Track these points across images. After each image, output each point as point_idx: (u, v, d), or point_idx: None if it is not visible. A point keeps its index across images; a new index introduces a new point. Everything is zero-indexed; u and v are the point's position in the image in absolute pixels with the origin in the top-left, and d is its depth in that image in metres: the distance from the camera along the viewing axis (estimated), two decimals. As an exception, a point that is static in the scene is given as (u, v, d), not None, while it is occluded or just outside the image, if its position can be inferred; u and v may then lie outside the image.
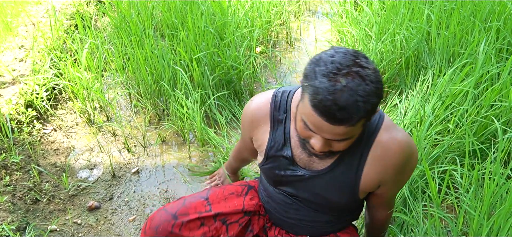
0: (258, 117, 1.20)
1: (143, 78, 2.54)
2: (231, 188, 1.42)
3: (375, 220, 1.40)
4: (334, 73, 0.87)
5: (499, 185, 1.51)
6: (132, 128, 2.50)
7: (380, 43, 2.58)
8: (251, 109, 1.23)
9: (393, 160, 1.09)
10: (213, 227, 1.30)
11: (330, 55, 0.90)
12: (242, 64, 2.65)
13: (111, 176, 2.20)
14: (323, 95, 0.86)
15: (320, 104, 0.88)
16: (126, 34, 2.78)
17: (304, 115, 0.95)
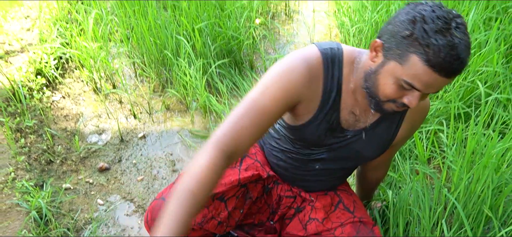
0: (314, 76, 1.08)
1: (147, 47, 2.64)
2: None
3: (373, 179, 1.51)
4: (446, 28, 0.89)
5: (479, 143, 1.64)
6: (137, 96, 2.62)
7: (375, 13, 2.68)
8: (309, 65, 1.07)
9: (420, 119, 1.21)
10: (212, 207, 1.28)
11: (431, 11, 0.91)
12: (242, 35, 2.75)
13: (119, 140, 2.33)
14: (445, 52, 0.88)
15: (442, 61, 0.89)
16: (130, 4, 2.87)
17: (407, 76, 0.95)
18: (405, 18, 0.93)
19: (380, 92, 1.02)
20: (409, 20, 0.92)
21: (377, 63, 1.01)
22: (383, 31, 1.00)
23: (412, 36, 0.91)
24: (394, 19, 0.97)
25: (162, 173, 2.14)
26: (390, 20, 0.99)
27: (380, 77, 1.00)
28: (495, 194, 1.53)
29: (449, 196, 1.47)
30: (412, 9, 0.93)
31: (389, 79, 0.98)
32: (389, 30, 0.97)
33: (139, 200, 1.99)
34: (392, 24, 0.97)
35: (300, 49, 1.10)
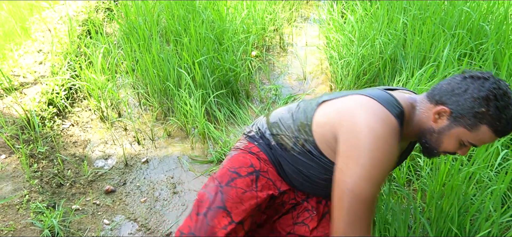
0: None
1: (150, 79, 2.86)
2: (241, 183, 1.39)
3: None
4: (510, 103, 1.16)
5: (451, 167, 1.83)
6: (141, 123, 2.82)
7: (361, 48, 2.91)
8: (396, 138, 1.21)
9: None
10: (240, 230, 1.35)
11: (497, 88, 1.16)
12: (239, 67, 2.98)
13: (124, 164, 2.52)
14: (510, 123, 1.17)
15: (507, 130, 1.18)
16: (135, 39, 3.10)
17: (474, 140, 1.21)
18: (478, 96, 1.15)
19: (442, 148, 1.26)
20: (483, 98, 1.15)
21: (442, 125, 1.23)
22: (447, 99, 1.21)
23: (487, 112, 1.15)
24: (465, 93, 1.18)
25: (163, 195, 2.32)
26: (454, 88, 1.20)
27: (445, 138, 1.24)
28: (462, 213, 1.71)
29: (419, 216, 1.65)
30: (482, 87, 1.16)
31: (454, 139, 1.23)
32: (458, 102, 1.18)
33: (142, 220, 2.17)
34: (461, 96, 1.18)
35: (381, 118, 1.18)
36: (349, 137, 1.19)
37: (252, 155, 1.45)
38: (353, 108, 1.23)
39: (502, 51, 2.38)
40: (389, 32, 2.92)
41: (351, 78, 2.91)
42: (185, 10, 3.31)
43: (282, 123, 1.44)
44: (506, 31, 2.44)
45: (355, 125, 1.19)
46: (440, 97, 1.22)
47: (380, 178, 1.16)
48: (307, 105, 1.42)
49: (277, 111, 1.52)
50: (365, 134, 1.16)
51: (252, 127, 1.56)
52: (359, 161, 1.15)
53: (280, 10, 4.04)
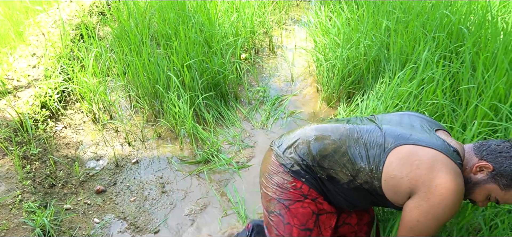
0: None
1: (141, 82, 2.93)
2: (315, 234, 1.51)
3: None
4: None
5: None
6: (132, 125, 2.90)
7: (346, 50, 2.99)
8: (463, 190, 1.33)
9: None
10: None
11: (510, 147, 1.32)
12: (227, 70, 3.06)
13: (115, 165, 2.60)
14: None
15: None
16: (126, 43, 3.18)
17: (502, 199, 1.34)
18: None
19: (471, 196, 1.38)
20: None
21: (479, 178, 1.34)
22: (493, 158, 1.32)
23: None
24: (508, 159, 1.30)
25: (152, 194, 2.40)
26: (503, 151, 1.32)
27: (478, 189, 1.35)
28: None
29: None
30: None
31: (485, 193, 1.35)
32: (502, 163, 1.30)
33: (131, 219, 2.25)
34: (507, 160, 1.30)
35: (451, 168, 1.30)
36: (431, 198, 1.28)
37: (309, 201, 1.49)
38: (432, 167, 1.30)
39: (479, 53, 2.46)
40: (373, 35, 3.00)
41: (336, 80, 2.99)
42: (176, 14, 3.39)
43: (336, 159, 1.44)
44: (484, 34, 2.52)
45: (437, 187, 1.28)
46: (487, 154, 1.34)
47: (446, 221, 1.32)
48: (370, 144, 1.42)
49: (323, 141, 1.49)
50: (447, 195, 1.27)
51: (288, 152, 1.51)
52: (438, 217, 1.29)
53: (270, 13, 4.12)
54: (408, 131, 1.42)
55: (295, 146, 1.51)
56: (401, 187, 1.34)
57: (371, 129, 1.46)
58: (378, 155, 1.39)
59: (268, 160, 1.58)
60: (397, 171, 1.34)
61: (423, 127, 1.46)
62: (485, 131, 2.12)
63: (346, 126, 1.50)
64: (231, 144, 2.76)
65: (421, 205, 1.30)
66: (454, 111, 2.33)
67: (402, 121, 1.51)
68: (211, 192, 2.40)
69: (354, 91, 3.01)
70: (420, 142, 1.36)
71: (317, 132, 1.52)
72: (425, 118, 1.54)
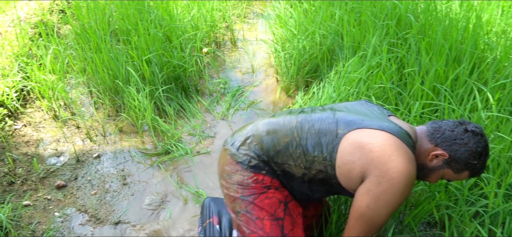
0: None
1: (101, 78, 2.95)
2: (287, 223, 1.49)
3: None
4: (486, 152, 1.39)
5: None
6: (93, 121, 2.92)
7: (302, 40, 3.09)
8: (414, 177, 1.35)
9: None
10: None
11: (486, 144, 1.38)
12: (188, 63, 3.11)
13: (76, 161, 2.62)
14: (483, 169, 1.40)
15: (480, 173, 1.40)
16: (86, 40, 3.19)
17: (454, 179, 1.43)
18: (475, 150, 1.36)
19: (426, 180, 1.46)
20: (478, 153, 1.36)
21: (435, 164, 1.41)
22: (448, 146, 1.37)
23: (477, 164, 1.37)
24: (465, 146, 1.36)
25: (113, 187, 2.44)
26: (457, 138, 1.37)
27: (433, 174, 1.43)
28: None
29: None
30: (479, 143, 1.36)
31: (439, 176, 1.43)
32: (458, 151, 1.36)
33: (92, 211, 2.28)
34: (462, 147, 1.36)
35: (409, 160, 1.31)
36: (382, 182, 1.28)
37: (273, 190, 1.48)
38: (384, 151, 1.30)
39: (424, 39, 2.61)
40: (328, 25, 3.12)
41: (293, 70, 3.09)
42: (136, 10, 3.42)
43: (289, 153, 1.44)
44: (427, 21, 2.67)
45: (389, 170, 1.27)
46: (442, 142, 1.39)
47: (397, 208, 1.34)
48: (323, 132, 1.42)
49: (275, 135, 1.48)
50: (398, 180, 1.27)
51: (242, 150, 1.51)
52: (388, 203, 1.30)
53: (231, 7, 4.19)
54: (361, 117, 1.44)
55: (249, 142, 1.50)
56: (353, 171, 1.34)
57: (324, 117, 1.46)
58: (331, 141, 1.39)
59: (224, 160, 1.56)
60: (350, 156, 1.34)
61: (375, 113, 1.49)
62: (427, 112, 2.26)
63: (298, 118, 1.50)
64: (192, 135, 2.82)
65: (371, 190, 1.29)
66: (400, 94, 2.46)
67: (357, 108, 1.53)
68: (171, 182, 2.46)
69: (311, 79, 3.12)
70: (372, 126, 1.37)
71: (269, 127, 1.51)
72: (379, 107, 1.57)
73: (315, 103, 2.76)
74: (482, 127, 1.40)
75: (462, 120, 1.42)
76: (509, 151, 1.94)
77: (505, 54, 2.45)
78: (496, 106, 2.07)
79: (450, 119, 1.46)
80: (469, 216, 1.73)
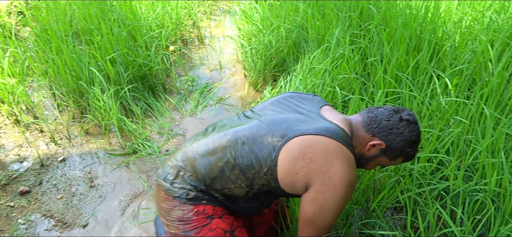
0: None
1: (64, 79, 2.88)
2: None
3: None
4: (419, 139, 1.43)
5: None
6: (57, 124, 2.85)
7: (268, 35, 3.11)
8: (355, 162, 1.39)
9: None
10: None
11: (419, 131, 1.41)
12: (153, 62, 3.08)
13: (40, 165, 2.55)
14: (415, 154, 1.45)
15: (413, 158, 1.45)
16: (46, 42, 3.09)
17: (389, 164, 1.47)
18: (410, 139, 1.39)
19: (365, 167, 1.50)
20: (413, 141, 1.40)
21: (372, 154, 1.43)
22: (384, 136, 1.39)
23: (411, 152, 1.42)
24: (401, 135, 1.39)
25: (80, 190, 2.39)
26: (393, 127, 1.39)
27: (370, 163, 1.46)
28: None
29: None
30: (413, 131, 1.40)
31: (376, 164, 1.47)
32: (394, 141, 1.39)
33: (58, 216, 2.23)
34: (397, 136, 1.39)
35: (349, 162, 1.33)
36: (325, 190, 1.29)
37: (217, 220, 1.41)
38: (324, 159, 1.29)
39: (385, 29, 2.67)
40: (293, 18, 3.15)
41: (260, 64, 3.10)
42: (99, 10, 3.34)
43: (227, 176, 1.38)
44: (387, 13, 2.74)
45: (331, 178, 1.29)
46: (379, 132, 1.40)
47: (343, 209, 1.37)
48: (258, 146, 1.36)
49: (208, 161, 1.39)
50: (340, 187, 1.30)
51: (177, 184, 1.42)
52: (333, 208, 1.32)
53: (197, 4, 4.16)
54: (294, 121, 1.39)
55: (182, 174, 1.41)
56: (297, 182, 1.33)
57: (254, 129, 1.39)
58: (269, 155, 1.34)
59: (159, 196, 1.46)
60: (291, 168, 1.32)
61: (307, 110, 1.46)
62: (390, 100, 2.32)
63: (227, 134, 1.41)
64: (160, 134, 2.79)
65: (316, 199, 1.31)
66: (364, 83, 2.52)
67: (283, 108, 1.49)
68: (140, 181, 2.43)
69: (279, 73, 3.14)
70: (309, 131, 1.34)
71: (199, 153, 1.41)
72: (304, 97, 1.54)
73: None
74: (414, 114, 1.44)
75: (397, 108, 1.44)
76: (466, 134, 2.02)
77: (461, 42, 2.55)
78: (454, 91, 2.15)
79: (385, 106, 1.46)
80: (432, 199, 1.79)
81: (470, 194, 1.80)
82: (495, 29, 2.68)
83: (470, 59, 2.46)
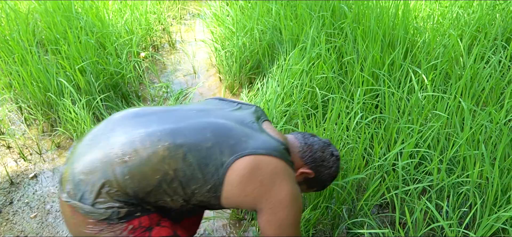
0: None
1: (30, 92, 2.74)
2: None
3: None
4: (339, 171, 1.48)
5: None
6: (26, 139, 2.71)
7: (242, 37, 3.08)
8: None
9: None
10: None
11: (337, 167, 1.46)
12: (125, 69, 2.98)
13: (9, 184, 2.41)
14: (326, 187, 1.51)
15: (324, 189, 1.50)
16: (9, 53, 2.94)
17: (303, 191, 1.49)
18: (334, 174, 1.47)
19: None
20: (334, 177, 1.48)
21: (297, 180, 1.43)
22: (315, 167, 1.42)
23: (328, 185, 1.49)
24: (329, 169, 1.44)
25: (56, 207, 2.27)
26: (324, 161, 1.43)
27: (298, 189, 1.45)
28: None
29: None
30: (337, 167, 1.46)
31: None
32: (322, 173, 1.44)
33: (33, 235, 2.11)
34: (326, 169, 1.44)
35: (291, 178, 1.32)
36: (278, 211, 1.28)
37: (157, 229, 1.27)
38: (273, 182, 1.27)
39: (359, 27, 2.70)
40: (265, 20, 3.13)
41: (235, 67, 3.07)
42: (64, 18, 3.21)
43: (163, 189, 1.23)
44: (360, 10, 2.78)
45: (281, 201, 1.28)
46: (311, 162, 1.42)
47: (300, 219, 1.40)
48: (200, 161, 1.23)
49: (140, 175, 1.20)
50: (291, 204, 1.29)
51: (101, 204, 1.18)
52: (290, 223, 1.31)
53: (166, 9, 4.08)
54: (242, 135, 1.30)
55: (107, 191, 1.18)
56: (244, 203, 1.29)
57: (198, 136, 1.25)
58: (215, 172, 1.24)
59: (75, 221, 1.20)
60: (241, 189, 1.25)
61: (251, 122, 1.39)
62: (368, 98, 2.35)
63: (164, 143, 1.21)
64: (136, 144, 2.70)
65: (271, 220, 1.29)
66: (342, 82, 2.53)
67: (226, 115, 1.38)
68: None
69: (255, 76, 3.12)
70: (259, 150, 1.27)
71: (129, 165, 1.19)
72: (244, 106, 1.46)
73: (260, 99, 2.77)
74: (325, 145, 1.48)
75: (329, 142, 1.48)
76: (445, 127, 2.07)
77: (433, 37, 2.61)
78: (430, 86, 2.19)
79: (317, 136, 1.47)
80: (417, 194, 1.82)
81: (453, 187, 1.84)
82: (463, 23, 2.76)
83: (442, 53, 2.52)
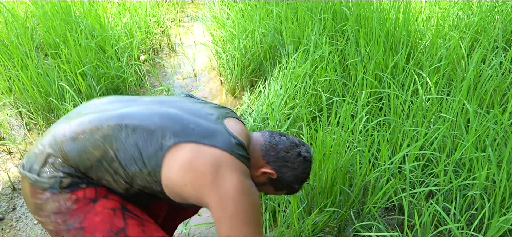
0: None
1: (31, 96, 2.72)
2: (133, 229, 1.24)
3: None
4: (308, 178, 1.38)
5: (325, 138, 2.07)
6: (27, 143, 2.68)
7: (243, 40, 3.08)
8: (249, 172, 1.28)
9: None
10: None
11: (304, 168, 1.35)
12: (126, 73, 2.97)
13: (12, 189, 2.38)
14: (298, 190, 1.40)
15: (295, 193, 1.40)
16: (8, 57, 2.91)
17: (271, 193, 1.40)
18: (301, 176, 1.35)
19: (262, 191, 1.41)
20: (302, 179, 1.36)
21: (260, 180, 1.35)
22: (278, 167, 1.32)
23: (297, 187, 1.38)
24: (294, 170, 1.33)
25: (58, 214, 2.25)
26: (289, 161, 1.33)
27: (258, 188, 1.38)
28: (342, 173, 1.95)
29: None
30: (305, 170, 1.35)
31: (260, 190, 1.39)
32: (286, 173, 1.33)
33: (37, 243, 2.09)
34: (291, 170, 1.33)
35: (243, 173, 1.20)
36: (226, 206, 1.16)
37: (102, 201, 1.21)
38: (216, 173, 1.17)
39: (360, 29, 2.71)
40: (266, 23, 3.13)
41: (237, 70, 3.07)
42: (63, 21, 3.19)
43: (105, 168, 1.19)
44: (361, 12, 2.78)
45: (227, 193, 1.16)
46: (274, 161, 1.32)
47: (259, 218, 1.22)
48: (144, 140, 1.18)
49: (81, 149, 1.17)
50: (240, 197, 1.17)
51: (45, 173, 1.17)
52: (245, 220, 1.17)
53: (164, 12, 4.06)
54: (191, 123, 1.23)
55: (51, 162, 1.18)
56: (185, 194, 1.19)
57: (145, 119, 1.20)
58: (154, 154, 1.17)
59: (27, 190, 1.22)
60: (178, 177, 1.17)
61: (209, 114, 1.31)
62: (373, 100, 2.35)
63: (110, 121, 1.19)
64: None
65: (221, 217, 1.17)
66: (345, 85, 2.54)
67: (181, 106, 1.32)
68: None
69: (256, 79, 3.12)
70: (204, 141, 1.19)
71: (71, 138, 1.18)
72: (213, 105, 1.39)
73: (263, 102, 2.76)
74: (311, 152, 1.40)
75: (298, 142, 1.37)
76: (450, 130, 2.08)
77: (434, 39, 2.62)
78: (434, 88, 2.20)
79: (288, 135, 1.39)
80: (424, 196, 1.82)
81: (460, 189, 1.85)
82: (464, 25, 2.78)
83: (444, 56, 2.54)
